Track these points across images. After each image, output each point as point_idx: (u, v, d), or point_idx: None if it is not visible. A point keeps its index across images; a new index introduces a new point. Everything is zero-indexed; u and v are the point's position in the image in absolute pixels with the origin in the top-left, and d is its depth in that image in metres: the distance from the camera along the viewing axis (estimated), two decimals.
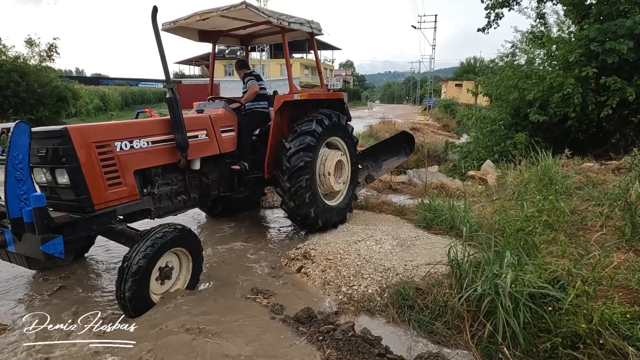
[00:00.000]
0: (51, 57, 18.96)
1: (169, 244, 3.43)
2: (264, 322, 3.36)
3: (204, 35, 5.52)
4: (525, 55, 12.35)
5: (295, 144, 4.94)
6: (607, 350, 2.66)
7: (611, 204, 4.92)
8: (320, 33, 5.65)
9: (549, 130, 10.34)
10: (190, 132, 4.13)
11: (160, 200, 4.11)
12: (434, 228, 5.39)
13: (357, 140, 6.12)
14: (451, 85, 55.11)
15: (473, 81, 15.84)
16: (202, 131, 4.45)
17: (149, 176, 3.93)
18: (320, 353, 2.94)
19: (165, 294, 3.56)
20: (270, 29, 5.59)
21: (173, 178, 4.24)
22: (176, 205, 4.33)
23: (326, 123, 5.23)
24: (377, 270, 4.13)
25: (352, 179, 5.95)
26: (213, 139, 4.58)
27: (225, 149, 4.74)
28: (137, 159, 3.73)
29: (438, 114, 38.26)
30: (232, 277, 4.22)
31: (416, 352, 2.98)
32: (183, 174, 4.32)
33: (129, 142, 3.66)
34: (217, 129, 4.65)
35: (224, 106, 4.94)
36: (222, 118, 4.79)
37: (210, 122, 4.57)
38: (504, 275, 2.97)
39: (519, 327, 2.82)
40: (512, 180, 6.77)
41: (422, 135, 21.57)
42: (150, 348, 2.92)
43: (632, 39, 8.65)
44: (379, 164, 7.66)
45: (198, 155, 4.38)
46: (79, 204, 3.35)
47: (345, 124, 5.77)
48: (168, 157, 4.03)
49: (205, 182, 4.63)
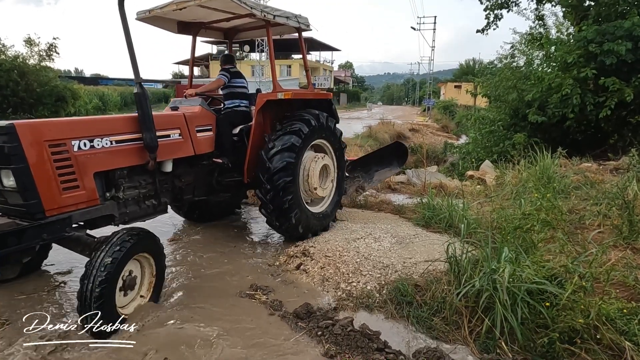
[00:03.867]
0: (50, 56, 18.94)
1: (132, 251, 3.15)
2: (263, 318, 3.38)
3: (183, 27, 5.14)
4: (524, 57, 12.41)
5: (278, 143, 4.61)
6: (604, 345, 2.69)
7: (609, 203, 4.95)
8: (308, 29, 5.35)
9: (547, 131, 10.37)
10: (161, 131, 3.80)
11: (125, 205, 3.74)
12: (433, 226, 5.42)
13: (345, 146, 5.75)
14: (450, 87, 55.24)
15: (472, 82, 15.90)
16: (175, 130, 4.10)
17: (113, 179, 3.57)
18: (319, 348, 2.95)
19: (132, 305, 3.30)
20: (255, 23, 5.27)
21: (141, 181, 3.86)
22: (144, 211, 3.97)
23: (313, 124, 4.88)
24: (376, 267, 4.14)
25: (338, 185, 5.58)
26: (187, 139, 4.22)
27: (201, 150, 4.40)
28: (99, 159, 3.36)
29: (437, 115, 38.34)
30: (231, 274, 4.24)
31: (415, 347, 3.00)
32: (153, 177, 3.95)
33: (88, 140, 3.27)
34: (193, 129, 4.30)
35: (200, 104, 4.57)
36: (198, 116, 4.44)
37: (185, 121, 4.21)
38: (502, 270, 2.99)
39: (516, 322, 2.84)
40: (511, 179, 6.80)
41: (421, 136, 21.66)
42: (151, 346, 2.95)
43: (630, 40, 8.69)
44: (371, 175, 7.40)
45: (170, 157, 4.03)
46: (27, 209, 2.99)
47: (333, 127, 5.41)
48: (135, 158, 3.65)
49: (178, 185, 4.30)
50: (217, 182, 4.80)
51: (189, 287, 3.93)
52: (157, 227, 5.52)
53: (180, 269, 4.36)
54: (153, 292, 3.46)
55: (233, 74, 5.21)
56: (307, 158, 5.02)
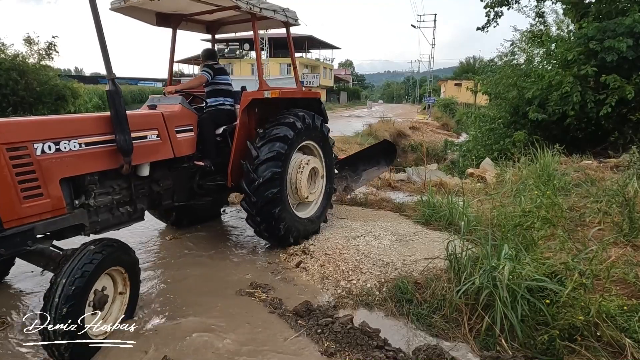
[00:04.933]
0: (50, 55, 18.92)
1: (103, 265, 2.83)
2: (262, 316, 3.37)
3: (162, 19, 4.81)
4: (524, 54, 12.39)
5: (263, 152, 4.34)
6: (604, 342, 2.68)
7: (609, 201, 4.95)
8: (296, 23, 5.07)
9: (547, 129, 10.36)
10: (136, 132, 3.49)
11: (97, 213, 3.42)
12: (433, 224, 5.41)
13: (333, 143, 5.50)
14: (450, 85, 55.15)
15: (472, 80, 15.89)
16: (153, 131, 3.77)
17: (82, 185, 3.22)
18: (319, 346, 2.95)
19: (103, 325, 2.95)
20: (240, 16, 4.98)
21: (115, 186, 3.55)
22: (118, 219, 3.65)
23: (299, 126, 4.59)
24: (376, 265, 4.14)
25: (327, 187, 5.33)
26: (166, 141, 3.90)
27: (181, 152, 4.07)
28: (66, 164, 3.01)
29: (437, 113, 38.28)
30: (231, 272, 4.23)
31: (414, 344, 2.99)
32: (128, 182, 3.65)
33: (54, 143, 2.92)
34: (172, 129, 3.97)
35: (181, 102, 4.23)
36: (178, 116, 4.10)
37: (163, 121, 3.89)
38: (502, 267, 2.99)
39: (516, 319, 2.84)
40: (511, 177, 6.79)
41: (421, 134, 21.62)
42: (151, 345, 2.95)
43: (631, 37, 8.68)
44: (359, 174, 7.21)
45: (147, 160, 3.72)
46: None
47: (321, 127, 5.14)
48: (107, 162, 3.32)
49: (155, 190, 3.99)
50: (198, 185, 4.48)
51: (188, 285, 3.92)
52: (156, 226, 5.53)
53: (179, 267, 4.35)
54: (127, 309, 3.14)
55: (216, 71, 4.90)
56: (294, 160, 4.75)
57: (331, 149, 5.41)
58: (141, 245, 4.90)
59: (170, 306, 3.50)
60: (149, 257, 4.57)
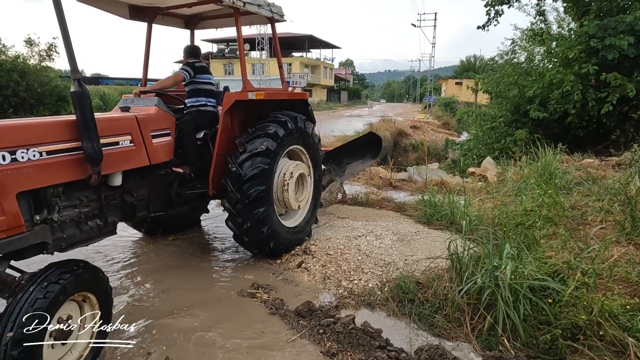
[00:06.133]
0: (51, 56, 18.96)
1: (68, 290, 2.47)
2: (264, 317, 3.38)
3: (136, 12, 4.45)
4: (525, 53, 12.37)
5: (250, 147, 4.06)
6: (607, 342, 2.68)
7: (611, 199, 4.93)
8: (282, 19, 4.82)
9: (549, 127, 10.35)
10: (107, 137, 3.13)
11: (62, 229, 3.02)
12: (434, 223, 5.41)
13: (319, 140, 5.18)
14: (451, 84, 55.09)
15: (473, 79, 15.86)
16: (125, 136, 3.38)
17: (44, 198, 2.83)
18: (320, 346, 2.95)
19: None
20: (221, 10, 4.62)
21: (82, 198, 3.15)
22: (87, 234, 3.24)
23: (290, 127, 4.35)
24: (378, 265, 4.14)
25: (315, 196, 5.04)
26: (140, 147, 3.52)
27: (157, 158, 3.71)
28: (23, 176, 2.62)
29: (438, 112, 38.26)
30: (232, 273, 4.23)
31: (417, 344, 2.99)
32: (97, 193, 3.25)
33: (9, 152, 2.53)
34: (147, 134, 3.60)
35: (157, 104, 3.85)
36: (154, 119, 3.73)
37: (137, 125, 3.51)
38: (504, 267, 2.98)
39: (519, 319, 2.84)
40: (512, 176, 6.77)
41: (422, 133, 21.62)
42: (152, 345, 2.96)
43: (632, 34, 8.66)
44: (343, 168, 6.96)
45: (119, 169, 3.34)
46: None
47: (311, 132, 4.85)
48: (73, 173, 2.93)
49: (129, 201, 3.60)
50: (177, 194, 4.14)
51: (189, 286, 3.92)
52: None
53: (180, 268, 4.35)
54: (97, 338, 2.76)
55: (197, 69, 4.47)
56: (281, 165, 4.46)
57: (320, 158, 5.12)
58: (140, 247, 4.90)
59: (171, 307, 3.50)
60: (148, 259, 4.57)
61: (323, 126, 11.40)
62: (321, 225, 5.42)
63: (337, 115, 34.87)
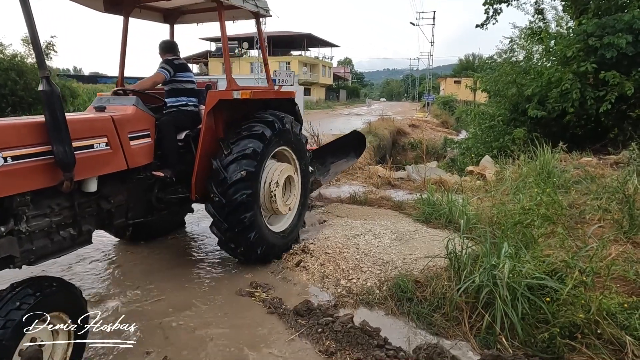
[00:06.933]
0: (48, 55, 18.91)
1: (37, 311, 2.21)
2: (262, 316, 3.38)
3: (110, 4, 4.22)
4: (523, 52, 12.39)
5: (236, 149, 3.89)
6: (604, 340, 2.68)
7: (609, 197, 4.94)
8: (268, 14, 4.66)
9: (547, 126, 10.37)
10: (80, 140, 2.89)
11: (30, 240, 2.77)
12: (433, 222, 5.41)
13: (306, 140, 5.03)
14: (450, 82, 55.12)
15: (472, 78, 15.89)
16: (100, 139, 3.14)
17: (10, 208, 2.61)
18: (319, 345, 2.95)
19: None
20: (204, 4, 4.41)
21: (53, 206, 2.89)
22: (59, 245, 2.99)
23: (277, 127, 4.18)
24: (376, 264, 4.14)
25: (303, 200, 4.89)
26: (117, 150, 3.27)
27: (136, 162, 3.47)
28: None
29: (437, 111, 38.28)
30: (230, 272, 4.23)
31: (415, 343, 2.99)
32: (70, 200, 3.00)
33: None
34: (124, 135, 3.35)
35: (135, 103, 3.61)
36: (132, 119, 3.49)
37: (113, 126, 3.27)
38: (502, 266, 2.98)
39: (517, 317, 2.84)
40: (511, 174, 6.78)
41: (420, 131, 21.63)
42: (151, 345, 2.95)
43: (630, 33, 8.67)
44: (327, 167, 6.82)
45: (94, 174, 3.09)
46: None
47: (299, 132, 4.74)
48: (42, 179, 2.68)
49: (105, 208, 3.35)
50: (157, 199, 3.91)
51: (187, 285, 3.92)
52: None
53: (177, 267, 4.34)
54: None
55: (177, 67, 4.26)
56: (268, 167, 4.29)
57: (308, 160, 4.96)
58: (135, 247, 4.85)
59: (169, 307, 3.50)
60: (146, 258, 4.56)
61: (322, 125, 11.40)
62: (319, 224, 5.43)
63: (336, 114, 34.86)
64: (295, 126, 4.63)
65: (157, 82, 4.18)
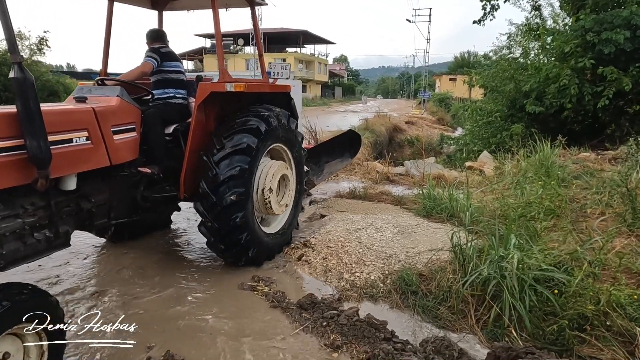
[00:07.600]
0: (42, 50, 18.70)
1: (5, 322, 2.03)
2: (265, 310, 3.33)
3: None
4: (520, 48, 12.39)
5: (229, 143, 3.64)
6: (614, 332, 2.66)
7: (610, 192, 4.93)
8: (263, 3, 4.47)
9: (545, 122, 10.38)
10: (57, 134, 2.64)
11: (1, 244, 2.52)
12: (434, 216, 5.38)
13: (302, 138, 4.82)
14: (445, 80, 55.21)
15: (468, 75, 15.86)
16: (80, 132, 2.87)
17: None
18: (324, 338, 2.90)
19: None
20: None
21: (27, 206, 2.64)
22: (33, 248, 2.73)
23: (273, 122, 3.93)
24: (379, 257, 4.10)
25: (297, 200, 4.67)
26: (99, 145, 3.01)
27: (119, 158, 3.21)
28: None
29: (432, 108, 38.29)
30: (233, 267, 4.17)
31: (421, 336, 2.96)
32: (46, 199, 2.75)
33: None
34: (107, 129, 3.09)
35: (119, 94, 3.33)
36: (116, 112, 3.22)
37: (95, 118, 3.00)
38: (510, 257, 2.95)
39: (524, 310, 2.81)
40: (510, 169, 6.77)
41: (417, 128, 21.64)
42: (152, 339, 2.90)
43: (628, 28, 8.68)
44: (321, 167, 6.69)
45: (72, 171, 2.84)
46: None
47: (295, 128, 4.49)
48: (13, 177, 2.43)
49: (86, 207, 3.08)
50: (142, 197, 3.63)
51: (189, 280, 3.86)
52: None
53: (179, 262, 4.28)
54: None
55: (164, 55, 4.00)
56: (262, 165, 4.05)
57: (303, 158, 4.77)
58: (134, 242, 4.78)
59: (171, 301, 3.44)
60: (146, 253, 4.48)
61: (318, 121, 11.35)
62: (319, 218, 5.37)
63: (332, 111, 34.80)
64: (291, 122, 4.42)
65: (145, 72, 3.90)
